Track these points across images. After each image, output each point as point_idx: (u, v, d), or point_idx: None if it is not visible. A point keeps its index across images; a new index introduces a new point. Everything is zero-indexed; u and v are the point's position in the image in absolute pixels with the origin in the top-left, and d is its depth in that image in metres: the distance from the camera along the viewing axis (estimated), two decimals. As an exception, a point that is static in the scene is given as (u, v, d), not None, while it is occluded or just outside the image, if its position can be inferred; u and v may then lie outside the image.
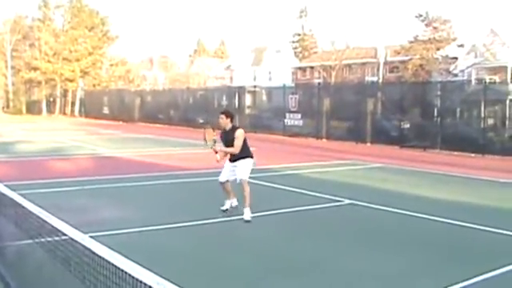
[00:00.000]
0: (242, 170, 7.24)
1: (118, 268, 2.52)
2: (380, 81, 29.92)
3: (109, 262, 2.61)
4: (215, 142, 7.34)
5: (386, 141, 21.17)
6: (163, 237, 6.47)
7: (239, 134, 7.22)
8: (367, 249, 6.17)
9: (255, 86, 32.17)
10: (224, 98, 33.16)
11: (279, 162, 14.87)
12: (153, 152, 17.04)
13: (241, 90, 31.83)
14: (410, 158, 17.19)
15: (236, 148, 7.17)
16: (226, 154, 7.38)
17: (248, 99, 32.71)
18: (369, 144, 21.92)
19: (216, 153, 7.30)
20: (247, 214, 7.15)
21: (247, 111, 30.89)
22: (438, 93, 19.95)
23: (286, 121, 26.04)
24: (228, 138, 7.23)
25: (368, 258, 5.74)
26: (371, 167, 14.34)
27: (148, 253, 5.48)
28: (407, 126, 20.96)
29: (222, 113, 7.34)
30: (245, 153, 7.33)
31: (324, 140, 23.97)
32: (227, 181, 7.39)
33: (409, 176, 12.75)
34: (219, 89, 35.98)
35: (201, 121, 32.23)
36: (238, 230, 6.89)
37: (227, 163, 7.49)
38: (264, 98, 31.87)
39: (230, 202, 7.54)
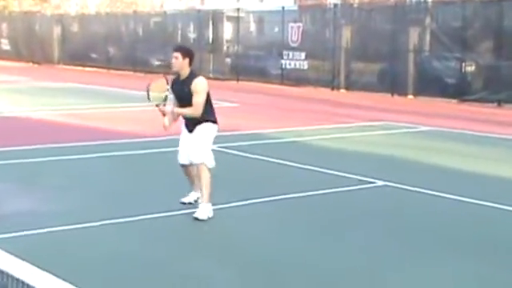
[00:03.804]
0: (198, 145, 7.00)
1: (24, 283, 2.63)
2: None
3: (12, 277, 2.69)
4: (166, 98, 7.16)
5: (438, 92, 21.23)
6: (94, 237, 6.48)
7: (200, 87, 6.98)
8: (420, 254, 6.17)
9: (238, 10, 31.74)
10: (191, 28, 32.87)
11: (276, 124, 14.87)
12: (82, 110, 16.96)
13: (217, 16, 31.54)
14: (474, 117, 17.29)
15: (196, 108, 6.94)
16: (177, 116, 7.18)
17: (228, 30, 32.42)
18: (411, 96, 22.00)
19: (164, 115, 7.14)
20: (203, 211, 6.97)
21: (227, 48, 30.66)
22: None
23: (284, 62, 25.96)
24: (183, 92, 6.99)
25: (424, 271, 5.68)
26: (415, 132, 14.40)
27: (70, 261, 5.61)
28: (471, 68, 20.98)
29: (177, 49, 7.11)
30: (205, 115, 7.07)
31: (342, 91, 24.00)
32: (191, 163, 7.22)
33: (474, 145, 12.82)
34: (184, 14, 35.58)
35: (157, 62, 32.10)
36: (205, 225, 6.90)
37: (184, 132, 7.29)
38: (252, 27, 31.61)
39: (196, 196, 7.39)
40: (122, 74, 31.18)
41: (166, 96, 7.17)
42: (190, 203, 7.41)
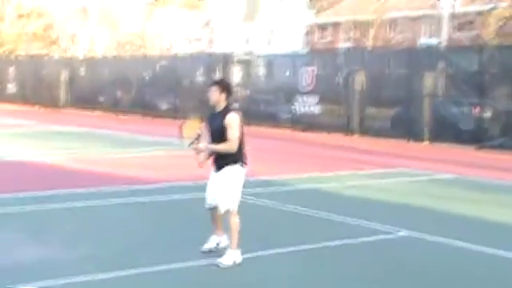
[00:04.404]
0: (227, 190, 6.94)
1: None
2: (443, 44, 29.69)
3: None
4: (199, 137, 7.07)
5: (454, 138, 21.15)
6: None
7: (234, 121, 6.91)
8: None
9: (249, 53, 31.95)
10: (200, 72, 33.01)
11: (289, 170, 14.72)
12: (92, 155, 16.83)
13: (226, 60, 31.71)
14: (493, 164, 17.15)
15: (231, 143, 6.89)
16: (210, 154, 7.10)
17: (237, 73, 32.60)
18: (427, 143, 21.89)
19: (198, 153, 7.05)
20: (228, 258, 6.88)
21: (236, 91, 30.76)
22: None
23: (295, 107, 25.94)
24: (216, 127, 6.94)
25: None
26: (434, 179, 14.29)
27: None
28: (488, 114, 20.88)
29: (215, 83, 7.11)
30: (235, 155, 7.01)
31: (356, 136, 23.92)
32: (217, 206, 7.11)
33: (496, 194, 12.70)
34: (193, 57, 35.79)
35: (165, 106, 32.13)
36: (227, 276, 6.73)
37: (212, 174, 7.19)
38: (262, 71, 31.73)
39: (218, 240, 7.25)
40: (130, 119, 31.23)
41: (199, 135, 7.08)
42: (210, 251, 7.24)
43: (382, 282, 6.80)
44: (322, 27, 60.66)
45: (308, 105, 25.44)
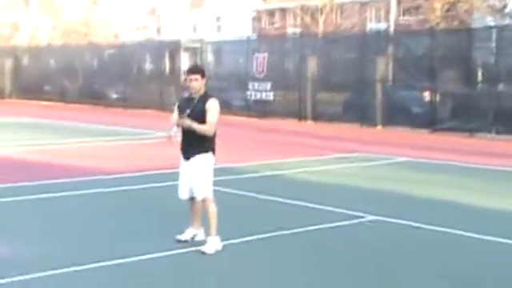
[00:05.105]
0: (201, 178, 6.99)
1: None
2: (391, 28, 30.05)
3: None
4: (178, 128, 7.11)
5: (407, 122, 21.51)
6: (81, 283, 6.18)
7: (216, 106, 7.00)
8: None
9: (197, 41, 31.77)
10: (148, 60, 32.78)
11: (248, 157, 14.77)
12: (44, 146, 16.53)
13: (174, 47, 31.55)
14: (448, 147, 17.49)
15: (210, 125, 6.94)
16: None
17: (185, 60, 32.42)
18: (380, 127, 22.16)
19: (179, 125, 7.10)
20: (211, 245, 6.96)
21: (185, 79, 30.58)
22: (493, 45, 20.21)
23: (249, 93, 25.95)
24: (194, 110, 6.93)
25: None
26: (392, 163, 14.52)
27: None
28: (439, 98, 21.26)
29: (194, 71, 7.09)
30: (206, 143, 7.05)
31: (309, 122, 24.09)
32: (192, 197, 7.13)
33: (454, 176, 12.95)
34: (140, 45, 35.48)
35: (114, 95, 31.81)
36: (199, 263, 6.75)
37: (182, 164, 7.18)
38: (210, 58, 31.64)
39: (194, 233, 7.27)
40: (79, 108, 30.79)
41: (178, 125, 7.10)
42: (185, 241, 7.24)
43: (359, 267, 6.86)
44: (270, 13, 60.60)
45: (261, 91, 25.48)
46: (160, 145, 16.79)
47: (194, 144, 7.00)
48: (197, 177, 7.02)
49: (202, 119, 6.94)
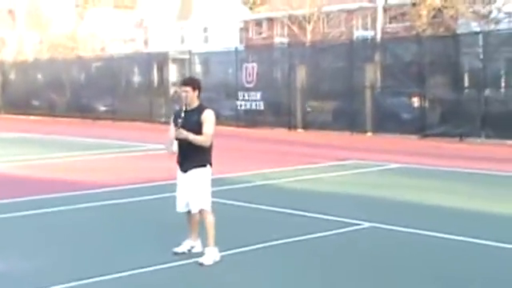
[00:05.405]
0: (198, 191, 7.01)
1: None
2: (378, 36, 30.23)
3: None
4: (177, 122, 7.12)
5: (397, 128, 21.61)
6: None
7: (211, 118, 7.01)
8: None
9: (184, 52, 31.79)
10: (136, 72, 32.77)
11: (240, 167, 14.76)
12: (35, 161, 16.48)
13: (162, 59, 31.52)
14: (438, 152, 17.57)
15: (207, 137, 6.97)
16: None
17: (173, 72, 32.46)
18: (370, 134, 22.24)
19: (176, 136, 7.09)
20: (209, 256, 6.96)
21: (174, 92, 30.63)
22: (479, 50, 20.34)
23: (238, 103, 26.00)
24: (190, 120, 6.95)
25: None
26: (385, 169, 14.56)
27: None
28: (428, 103, 21.38)
29: (186, 83, 7.12)
30: (204, 156, 7.10)
31: (300, 130, 24.14)
32: (189, 210, 7.16)
33: (446, 181, 13.01)
34: (128, 57, 35.47)
35: (103, 108, 31.79)
36: (197, 275, 6.74)
37: (179, 175, 7.20)
38: (199, 69, 31.66)
39: (192, 244, 7.28)
40: (68, 122, 30.76)
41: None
42: (183, 253, 7.24)
43: (358, 274, 6.87)
44: (257, 22, 60.72)
45: (251, 101, 25.54)
46: (151, 157, 16.93)
47: (191, 156, 7.03)
48: (193, 191, 7.04)
49: (197, 131, 6.95)
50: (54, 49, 50.60)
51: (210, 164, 7.17)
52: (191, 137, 6.93)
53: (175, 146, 7.15)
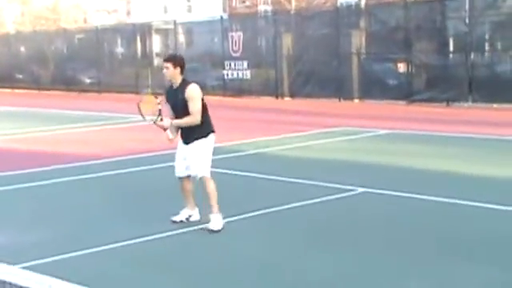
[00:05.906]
0: (199, 159, 7.08)
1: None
2: (363, 1, 30.08)
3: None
4: (160, 113, 7.10)
5: (384, 94, 21.61)
6: (81, 266, 6.19)
7: (194, 93, 7.04)
8: (419, 261, 6.19)
9: (168, 22, 31.56)
10: (119, 43, 32.50)
11: (230, 137, 14.67)
12: (22, 134, 16.44)
13: (145, 30, 31.28)
14: (426, 118, 17.65)
15: (194, 115, 7.00)
16: (177, 129, 7.18)
17: (157, 43, 32.23)
18: (357, 100, 22.30)
19: (164, 129, 7.07)
20: (216, 222, 7.03)
21: (157, 62, 30.46)
22: (465, 14, 20.30)
23: (225, 72, 25.92)
24: (177, 99, 7.01)
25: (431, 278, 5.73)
26: (375, 135, 14.63)
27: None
28: (414, 69, 21.41)
29: (167, 59, 7.12)
30: (203, 127, 7.12)
31: (287, 99, 24.16)
32: (189, 176, 7.19)
33: (435, 145, 13.10)
34: (111, 29, 35.06)
35: (88, 80, 31.62)
36: (199, 244, 6.79)
37: (180, 144, 7.26)
38: (183, 39, 31.45)
39: (190, 213, 7.34)
40: (53, 94, 30.56)
41: (160, 110, 7.08)
42: (181, 221, 7.29)
43: (359, 237, 6.96)
44: (240, -10, 60.25)
45: (237, 70, 25.47)
46: (138, 128, 16.86)
47: (192, 130, 7.10)
48: (195, 157, 7.10)
49: (183, 108, 7.02)
50: (37, 21, 49.98)
51: (213, 131, 7.24)
52: (177, 122, 7.04)
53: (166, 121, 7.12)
